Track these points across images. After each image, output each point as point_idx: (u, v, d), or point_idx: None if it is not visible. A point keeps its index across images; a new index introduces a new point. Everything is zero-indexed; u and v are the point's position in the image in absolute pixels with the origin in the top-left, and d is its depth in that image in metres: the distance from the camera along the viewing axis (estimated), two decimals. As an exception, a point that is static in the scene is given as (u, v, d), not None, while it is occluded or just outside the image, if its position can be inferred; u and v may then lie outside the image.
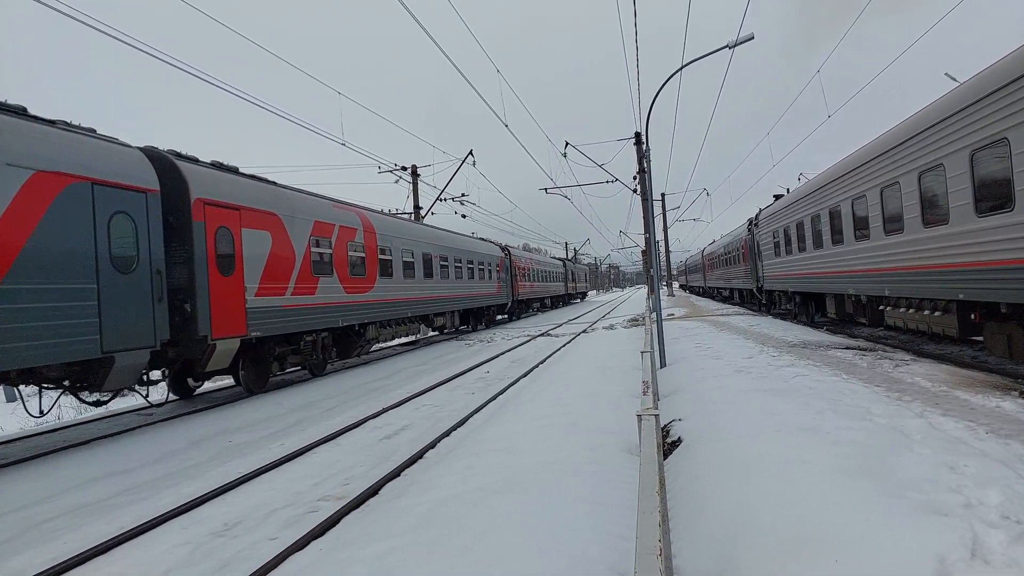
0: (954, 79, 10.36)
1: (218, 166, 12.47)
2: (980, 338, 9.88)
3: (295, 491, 6.92)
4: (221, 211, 11.61)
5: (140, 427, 10.70)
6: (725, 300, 39.70)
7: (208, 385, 15.03)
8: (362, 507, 6.20)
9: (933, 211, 9.92)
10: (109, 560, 5.35)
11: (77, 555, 5.33)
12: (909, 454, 5.30)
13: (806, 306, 19.82)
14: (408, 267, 20.37)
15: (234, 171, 12.89)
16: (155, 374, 11.31)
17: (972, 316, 9.79)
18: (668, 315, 27.55)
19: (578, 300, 70.74)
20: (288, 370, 14.66)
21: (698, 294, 57.07)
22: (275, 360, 13.81)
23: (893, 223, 11.44)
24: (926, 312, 11.02)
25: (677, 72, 13.83)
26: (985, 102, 8.21)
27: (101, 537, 5.78)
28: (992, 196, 8.30)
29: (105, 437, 10.00)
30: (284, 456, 8.27)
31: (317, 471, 7.67)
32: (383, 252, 18.49)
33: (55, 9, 9.16)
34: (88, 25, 9.81)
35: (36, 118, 8.70)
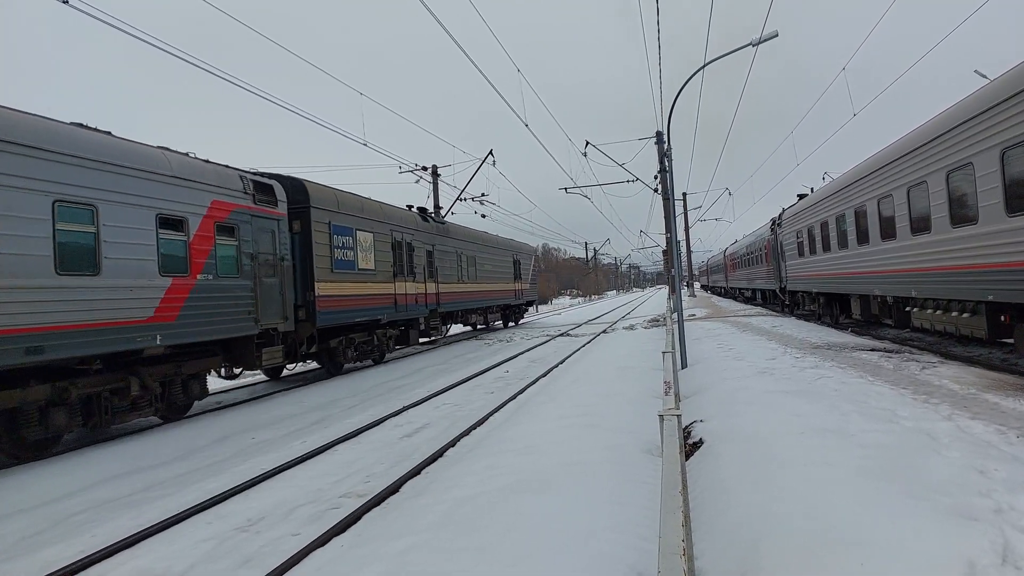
0: (984, 76, 10.14)
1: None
2: (1010, 340, 9.66)
3: (317, 488, 6.99)
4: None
5: (164, 424, 10.88)
6: (747, 301, 39.26)
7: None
8: (383, 504, 6.24)
9: (962, 210, 9.72)
10: (136, 553, 5.45)
11: (105, 548, 5.44)
12: (937, 457, 5.20)
13: (830, 307, 19.52)
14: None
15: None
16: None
17: (1002, 318, 9.56)
18: (689, 316, 27.33)
19: (519, 319, 36.60)
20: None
21: (720, 295, 56.53)
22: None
23: (920, 223, 11.22)
24: (954, 313, 10.78)
25: (699, 71, 13.73)
26: (1017, 99, 8.02)
27: (128, 531, 5.89)
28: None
29: (131, 434, 10.18)
30: (306, 453, 8.36)
31: (338, 469, 7.73)
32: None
33: (89, 15, 9.37)
34: (110, 24, 10.03)
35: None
